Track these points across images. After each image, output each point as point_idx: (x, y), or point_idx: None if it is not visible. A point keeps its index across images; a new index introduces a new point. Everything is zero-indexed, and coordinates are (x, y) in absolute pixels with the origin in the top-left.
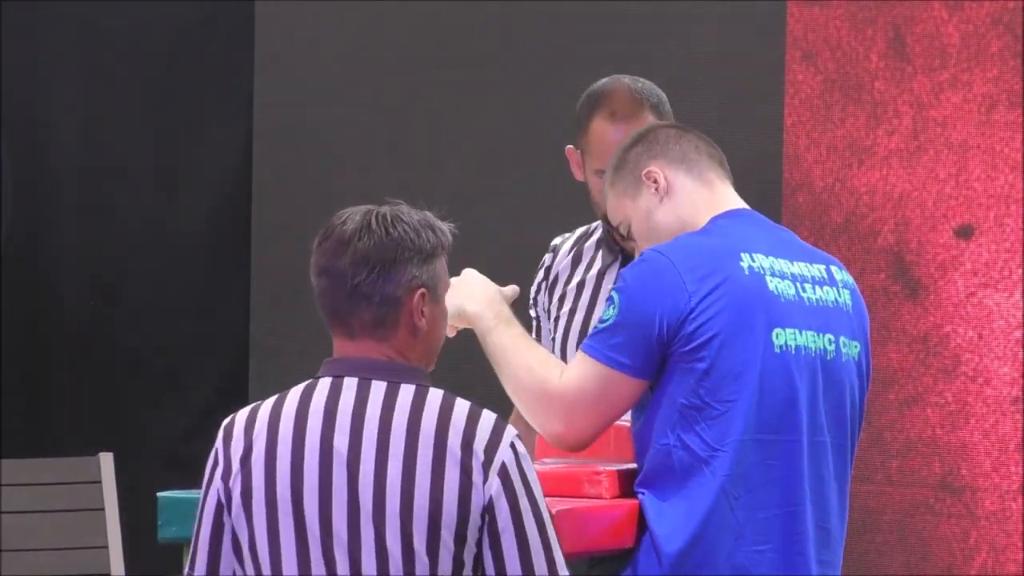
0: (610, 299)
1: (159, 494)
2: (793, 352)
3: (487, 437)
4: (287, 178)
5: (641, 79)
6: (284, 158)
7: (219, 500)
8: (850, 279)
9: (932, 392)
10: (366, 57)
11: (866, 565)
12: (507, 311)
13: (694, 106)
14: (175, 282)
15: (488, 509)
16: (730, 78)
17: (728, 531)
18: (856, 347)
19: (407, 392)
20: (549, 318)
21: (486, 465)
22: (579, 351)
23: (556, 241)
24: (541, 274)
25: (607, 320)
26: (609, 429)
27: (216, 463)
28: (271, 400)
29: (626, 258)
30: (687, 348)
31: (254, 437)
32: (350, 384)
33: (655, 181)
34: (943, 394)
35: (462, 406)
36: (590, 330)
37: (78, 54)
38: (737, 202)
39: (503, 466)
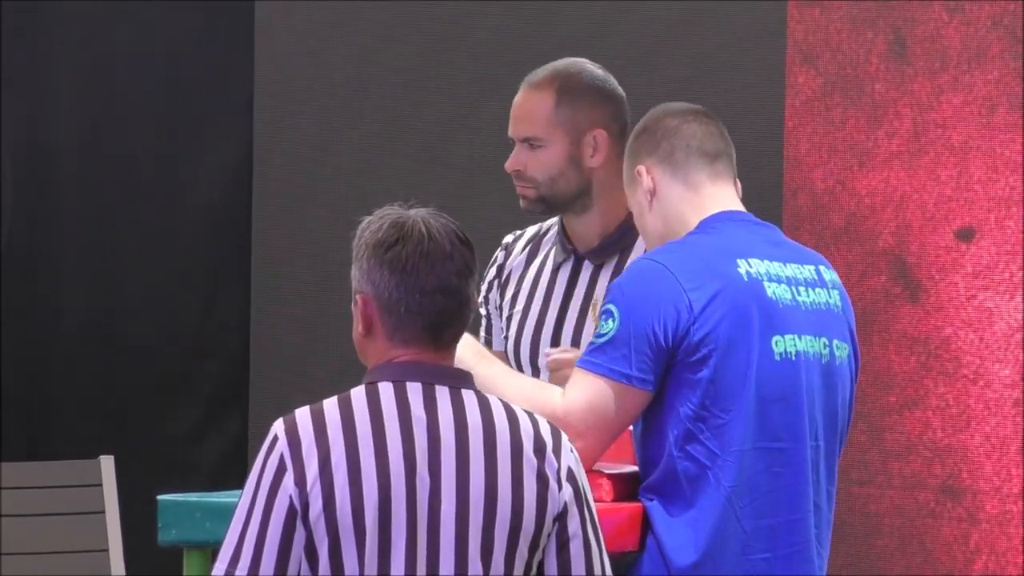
0: (608, 312)
1: (159, 497)
2: (794, 359)
3: (551, 441)
4: (287, 180)
5: (592, 65)
6: (284, 160)
7: (292, 505)
8: (837, 278)
9: (933, 395)
10: (366, 59)
11: (866, 569)
12: (485, 349)
13: None
14: (175, 284)
15: (560, 516)
16: (730, 80)
17: (736, 541)
18: (846, 349)
19: (470, 398)
20: (501, 316)
21: (559, 471)
22: (578, 368)
23: (508, 239)
24: (493, 271)
25: (607, 333)
26: None
27: (283, 468)
28: (329, 405)
29: (578, 258)
30: (692, 359)
31: (329, 444)
32: (415, 389)
33: (642, 179)
34: (944, 397)
35: (520, 410)
36: (543, 333)
37: (78, 55)
38: (725, 203)
39: (570, 471)
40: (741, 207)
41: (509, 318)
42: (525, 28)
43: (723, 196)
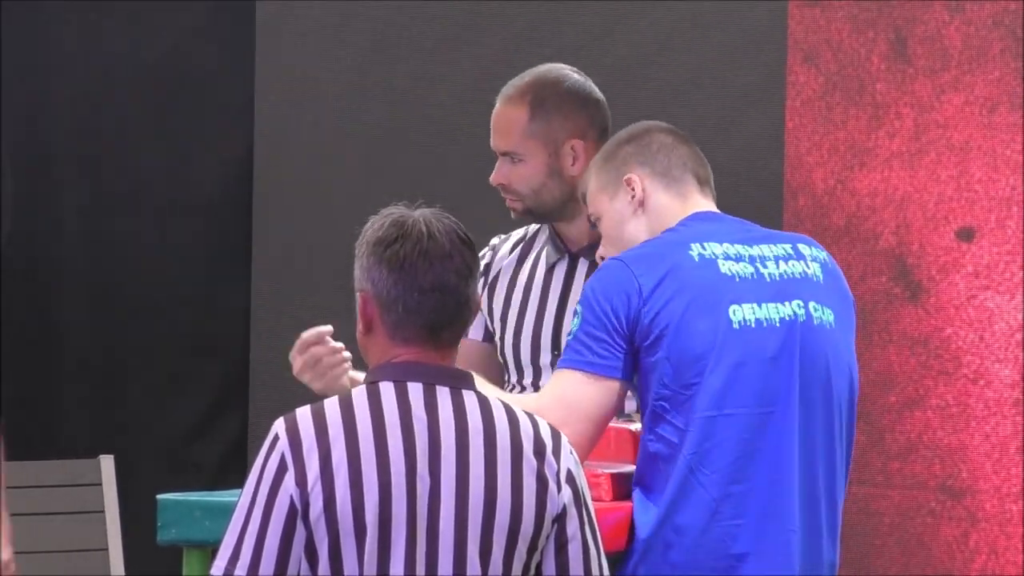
0: (575, 312)
1: (159, 496)
2: (754, 325)
3: (551, 443)
4: (287, 181)
5: (571, 72)
6: (284, 161)
7: (292, 504)
8: (821, 254)
9: (932, 394)
10: (366, 59)
11: (865, 567)
12: (482, 378)
13: (695, 108)
14: (175, 283)
15: (559, 518)
16: (731, 80)
17: (701, 508)
18: (830, 313)
19: (471, 398)
20: (492, 318)
21: (559, 474)
22: (554, 368)
23: (495, 240)
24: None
25: (573, 331)
26: (608, 431)
27: (284, 468)
28: (330, 404)
29: (572, 256)
30: (648, 342)
31: (330, 444)
32: (415, 389)
33: (632, 188)
34: (944, 396)
35: (521, 412)
36: (543, 333)
37: (78, 56)
38: (705, 207)
39: (569, 473)
40: (716, 211)
41: (504, 319)
42: (526, 28)
43: (704, 203)
